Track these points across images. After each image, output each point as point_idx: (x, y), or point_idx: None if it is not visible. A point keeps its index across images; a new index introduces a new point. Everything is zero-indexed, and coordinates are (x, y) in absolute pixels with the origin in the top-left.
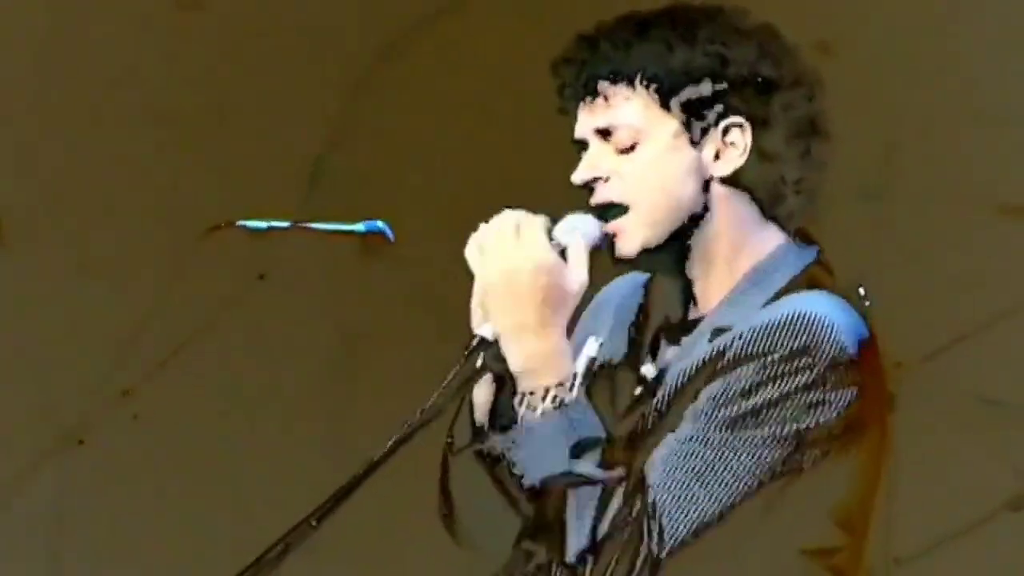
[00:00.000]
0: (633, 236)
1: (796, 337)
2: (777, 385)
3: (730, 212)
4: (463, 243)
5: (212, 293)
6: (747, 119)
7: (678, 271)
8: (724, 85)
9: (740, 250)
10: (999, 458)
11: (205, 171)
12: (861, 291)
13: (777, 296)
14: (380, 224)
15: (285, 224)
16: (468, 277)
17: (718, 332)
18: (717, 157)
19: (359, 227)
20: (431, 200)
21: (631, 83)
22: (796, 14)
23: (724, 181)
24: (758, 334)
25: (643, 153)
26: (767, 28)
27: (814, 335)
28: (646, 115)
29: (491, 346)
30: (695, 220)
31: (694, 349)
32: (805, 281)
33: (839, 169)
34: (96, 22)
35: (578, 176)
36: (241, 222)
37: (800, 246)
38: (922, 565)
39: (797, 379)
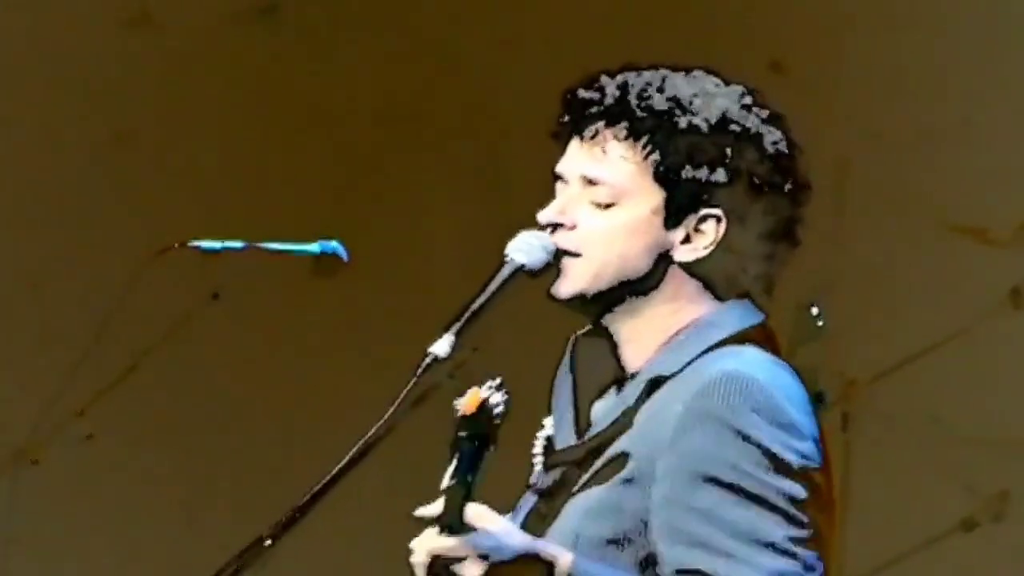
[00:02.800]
0: (574, 281)
1: (731, 396)
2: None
3: (679, 290)
4: (417, 262)
5: (166, 312)
6: (726, 213)
7: (598, 322)
8: (718, 177)
9: (677, 314)
10: (951, 477)
11: (158, 191)
12: (814, 310)
13: (710, 350)
14: (334, 244)
15: (239, 244)
16: (421, 296)
17: (655, 382)
18: (685, 241)
19: (314, 247)
20: (387, 219)
21: (634, 144)
22: (747, 33)
23: (682, 265)
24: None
25: (617, 216)
26: (779, 120)
27: (751, 396)
28: (635, 181)
29: (443, 364)
30: (637, 288)
31: (628, 399)
32: (740, 339)
33: None
34: (50, 40)
35: (546, 216)
36: (194, 242)
37: (747, 307)
38: None
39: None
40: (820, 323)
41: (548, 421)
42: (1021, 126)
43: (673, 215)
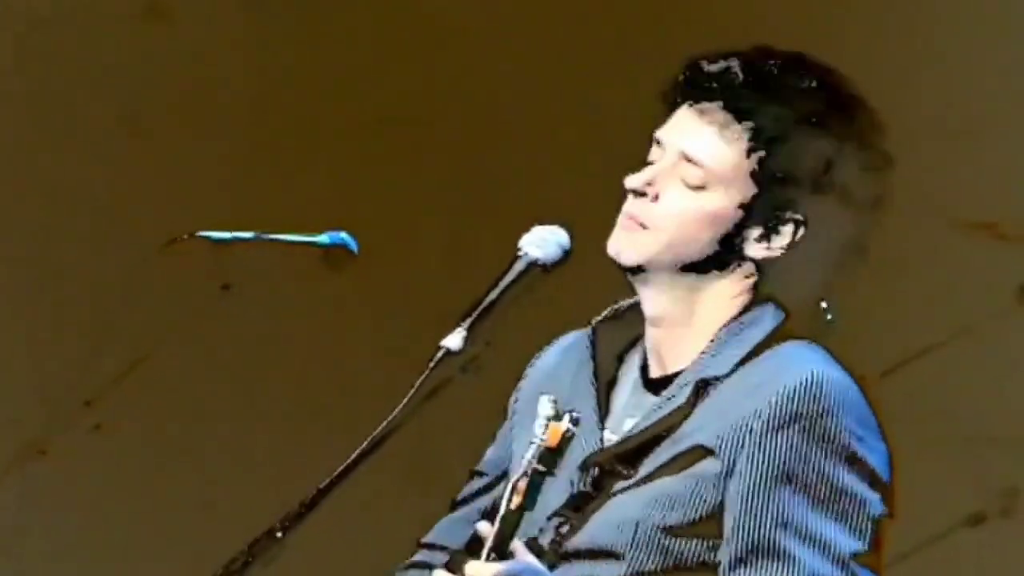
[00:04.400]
0: (638, 251)
1: (821, 399)
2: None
3: (735, 285)
4: (426, 255)
5: (175, 303)
6: (809, 220)
7: (637, 314)
8: (814, 188)
9: (721, 310)
10: (958, 474)
11: (168, 181)
12: (824, 305)
13: (756, 350)
14: (344, 235)
15: (249, 235)
16: (431, 289)
17: (703, 383)
18: (761, 238)
19: (323, 238)
20: (396, 212)
21: (742, 135)
22: (744, 21)
23: (752, 260)
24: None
25: (702, 200)
26: (882, 134)
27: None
28: (732, 172)
29: (456, 357)
30: (697, 270)
31: (675, 400)
32: (782, 336)
33: None
34: (62, 29)
35: (632, 182)
36: (204, 233)
37: (773, 306)
38: None
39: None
40: (830, 318)
41: (546, 403)
42: None
43: (758, 214)
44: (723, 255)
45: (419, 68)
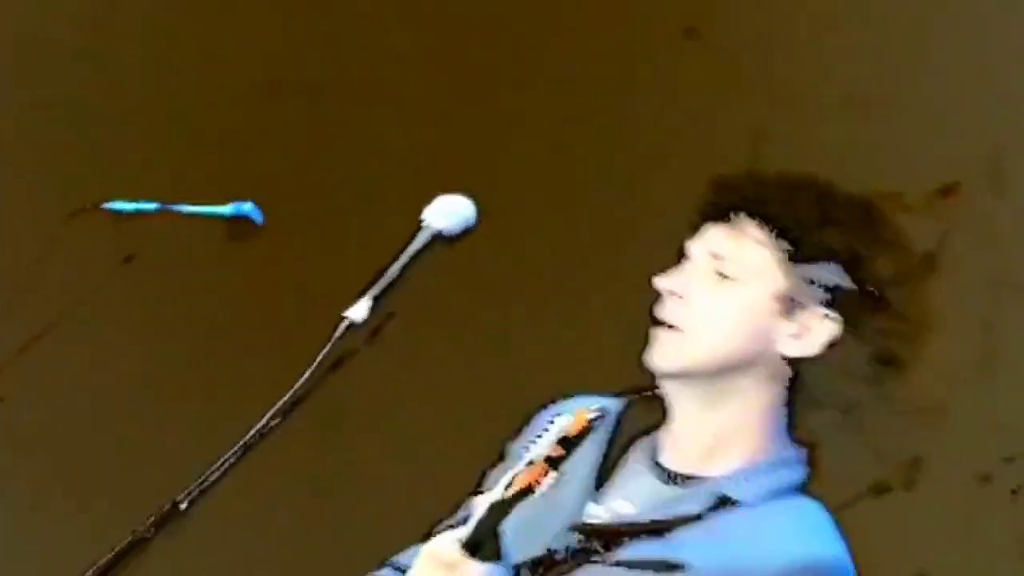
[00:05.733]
0: (672, 358)
1: None
2: None
3: (764, 387)
4: (333, 226)
5: (77, 276)
6: (843, 319)
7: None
8: (845, 282)
9: (747, 416)
10: (862, 443)
11: (70, 152)
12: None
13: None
14: (248, 207)
15: (152, 206)
16: (336, 261)
17: (725, 501)
18: (796, 336)
19: (226, 210)
20: (301, 184)
21: (771, 232)
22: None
23: (786, 359)
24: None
25: (735, 292)
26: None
27: None
28: (764, 263)
29: (360, 329)
30: (733, 372)
31: (685, 503)
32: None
33: (704, 154)
34: None
35: (664, 283)
36: (107, 204)
37: (804, 454)
38: None
39: None
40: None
41: (543, 443)
42: (937, 92)
43: (793, 306)
44: (759, 350)
45: (322, 33)
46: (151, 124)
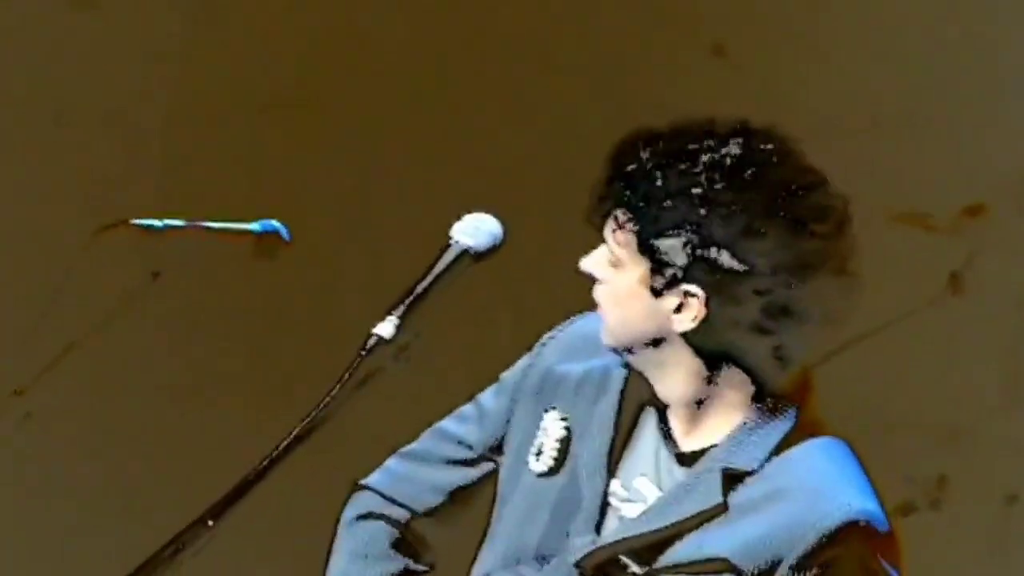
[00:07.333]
0: (604, 335)
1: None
2: None
3: (683, 356)
4: (361, 243)
5: (105, 291)
6: (708, 289)
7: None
8: (692, 254)
9: (697, 379)
10: (888, 462)
11: (99, 169)
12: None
13: (786, 439)
14: (275, 223)
15: (180, 223)
16: (362, 278)
17: (732, 477)
18: (677, 310)
19: (254, 226)
20: (327, 201)
21: (626, 214)
22: (690, 16)
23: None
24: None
25: (617, 279)
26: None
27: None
28: (629, 249)
29: (387, 346)
30: (653, 345)
31: (698, 487)
32: (803, 428)
33: None
34: None
35: (584, 265)
36: (135, 220)
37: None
38: None
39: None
40: None
41: (554, 420)
42: (963, 113)
43: (656, 286)
44: (658, 327)
45: (355, 50)
46: (182, 141)
